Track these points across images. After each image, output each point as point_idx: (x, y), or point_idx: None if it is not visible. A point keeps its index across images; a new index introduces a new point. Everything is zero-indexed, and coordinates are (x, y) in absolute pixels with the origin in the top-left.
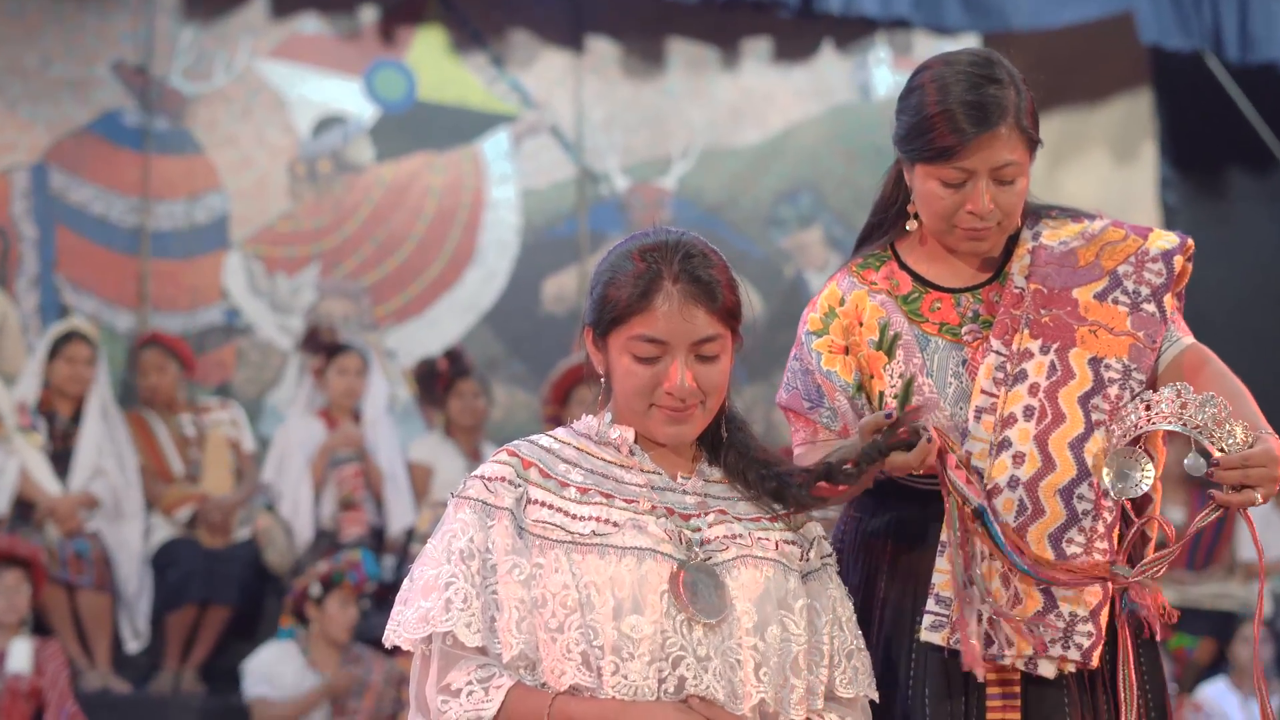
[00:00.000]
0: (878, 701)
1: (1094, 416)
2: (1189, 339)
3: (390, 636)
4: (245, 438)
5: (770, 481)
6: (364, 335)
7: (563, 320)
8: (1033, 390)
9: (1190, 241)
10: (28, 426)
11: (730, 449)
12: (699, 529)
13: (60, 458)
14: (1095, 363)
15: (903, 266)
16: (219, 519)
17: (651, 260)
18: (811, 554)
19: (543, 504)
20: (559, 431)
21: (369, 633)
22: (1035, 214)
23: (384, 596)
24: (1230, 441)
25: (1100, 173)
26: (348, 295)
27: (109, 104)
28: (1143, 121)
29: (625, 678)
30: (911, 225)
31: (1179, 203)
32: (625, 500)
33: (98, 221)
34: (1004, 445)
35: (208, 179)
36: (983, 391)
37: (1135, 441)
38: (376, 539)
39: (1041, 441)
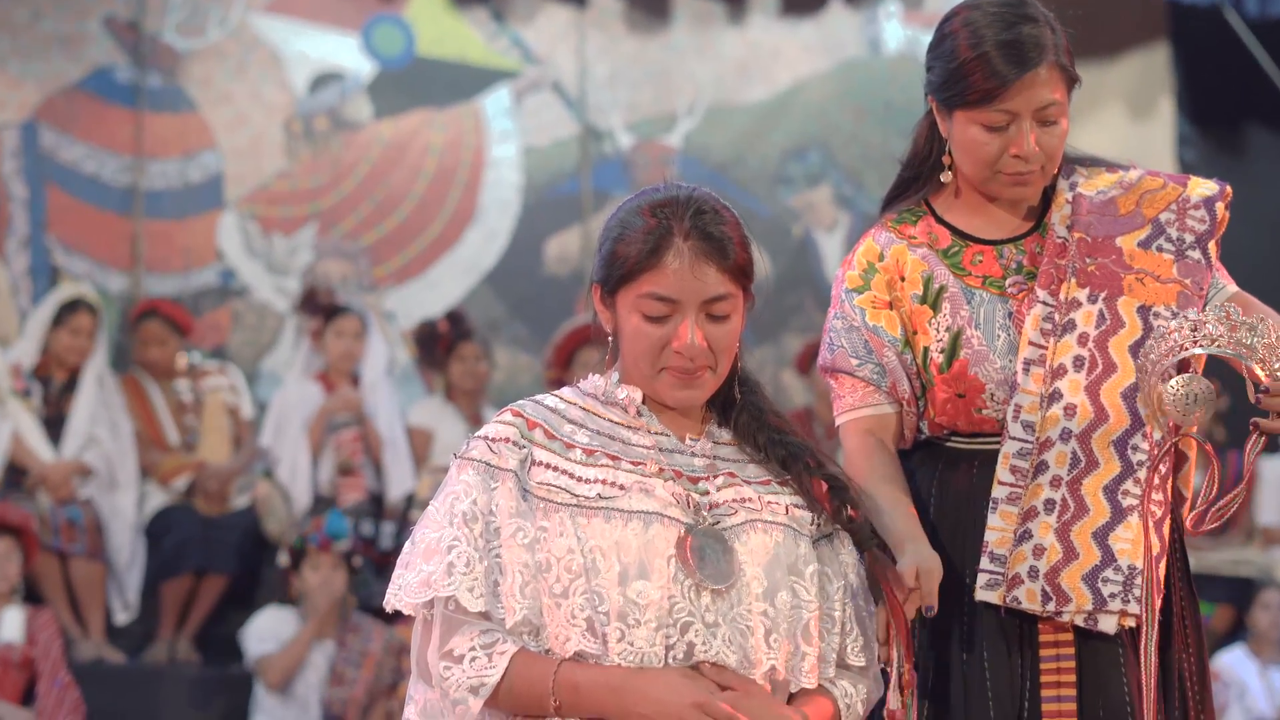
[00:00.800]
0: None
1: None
2: (1234, 286)
3: (391, 601)
4: (244, 404)
5: (780, 449)
6: (362, 297)
7: (566, 281)
8: (1082, 340)
9: (1229, 188)
10: (22, 391)
11: (743, 411)
12: (707, 492)
13: (53, 423)
14: (1144, 310)
15: (940, 221)
16: (216, 487)
17: (662, 216)
18: (822, 519)
19: (548, 465)
20: (565, 391)
21: (368, 601)
22: (1069, 164)
23: (383, 564)
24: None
25: (1116, 130)
26: (346, 256)
27: (100, 60)
28: (1160, 76)
29: (631, 644)
30: (946, 177)
31: (1197, 160)
32: (632, 462)
33: (89, 181)
34: (1055, 397)
35: (202, 137)
36: (1031, 343)
37: (1180, 366)
38: (375, 505)
39: (1093, 392)
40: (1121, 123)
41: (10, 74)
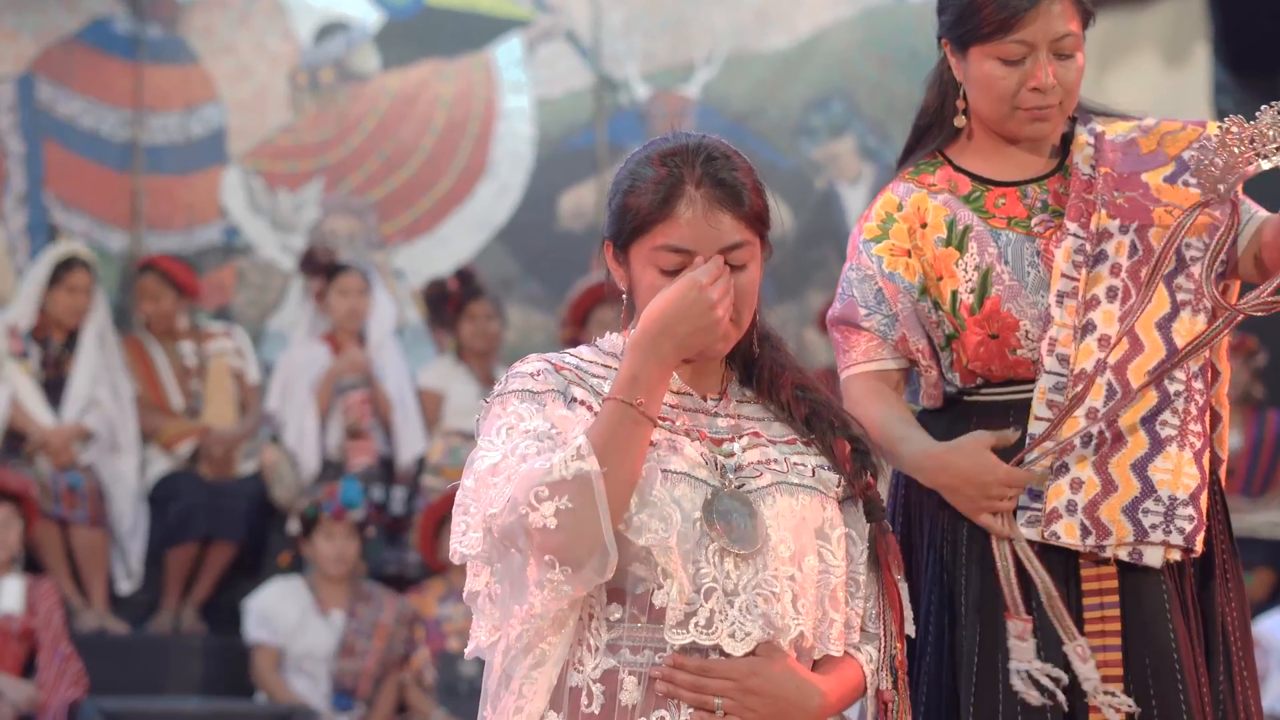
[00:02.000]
0: (913, 636)
1: (1179, 296)
2: (1264, 213)
3: (459, 545)
4: (250, 368)
5: (804, 406)
6: (370, 254)
7: (580, 237)
8: (1114, 270)
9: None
10: (19, 353)
11: (764, 368)
12: (732, 454)
13: (53, 386)
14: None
15: (958, 169)
16: (221, 453)
17: (672, 165)
18: (846, 480)
19: (583, 403)
20: (582, 350)
21: (378, 569)
22: (1085, 113)
23: (393, 530)
24: None
25: (1149, 77)
26: (353, 212)
27: (98, 11)
28: (1195, 21)
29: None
30: (960, 121)
31: (1234, 107)
32: (660, 418)
33: (88, 136)
34: (1088, 328)
35: (204, 90)
36: (1063, 275)
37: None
38: (385, 469)
39: (1128, 322)
40: (1154, 71)
41: (5, 26)
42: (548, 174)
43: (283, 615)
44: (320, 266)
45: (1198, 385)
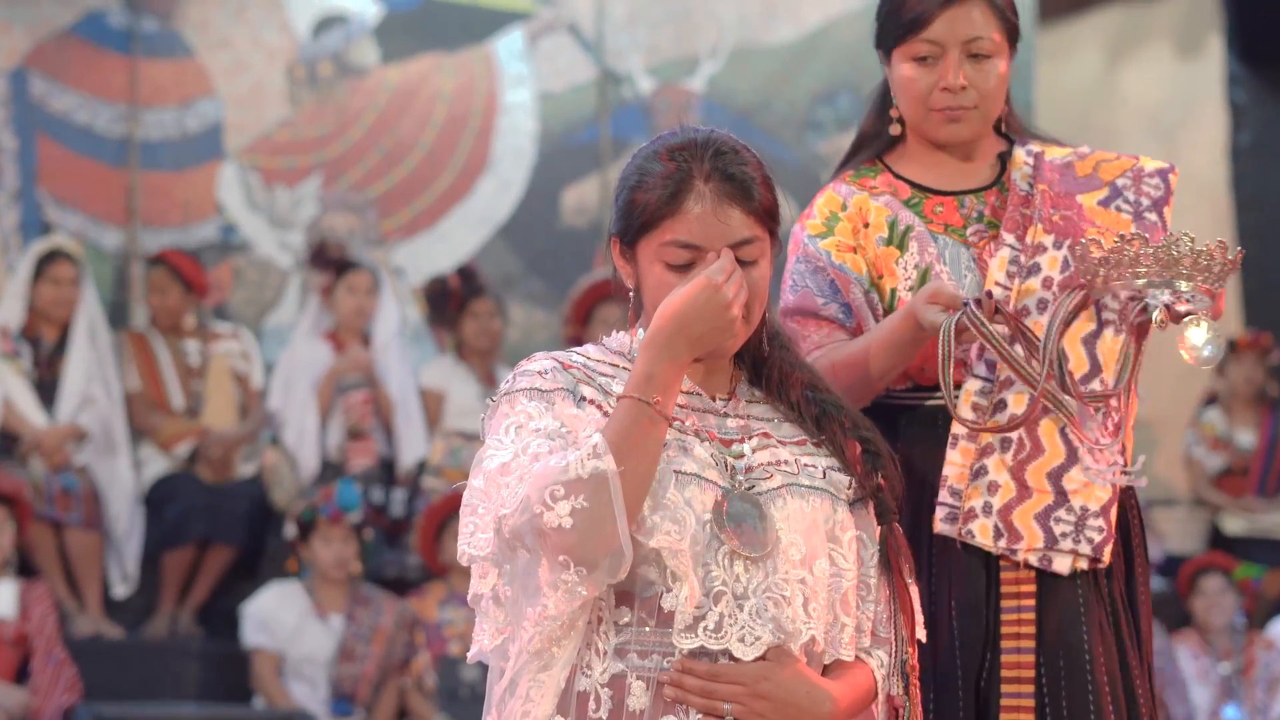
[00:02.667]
0: (924, 641)
1: (1104, 315)
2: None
3: (467, 547)
4: (255, 372)
5: (813, 406)
6: (370, 251)
7: (583, 233)
8: (1046, 283)
9: (1177, 170)
10: (10, 353)
11: (774, 367)
12: (742, 455)
13: (46, 386)
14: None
15: (897, 176)
16: (219, 455)
17: (680, 159)
18: (857, 481)
19: (592, 402)
20: (589, 348)
21: (378, 572)
22: (1027, 136)
23: (393, 533)
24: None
25: (1162, 69)
26: (352, 208)
27: (92, 4)
28: (1208, 12)
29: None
30: (895, 129)
31: (1248, 101)
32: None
33: (82, 131)
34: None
35: (200, 84)
36: (996, 283)
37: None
38: (386, 471)
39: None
40: (1167, 62)
41: None
42: (550, 169)
43: (281, 619)
44: (330, 262)
45: (1114, 403)
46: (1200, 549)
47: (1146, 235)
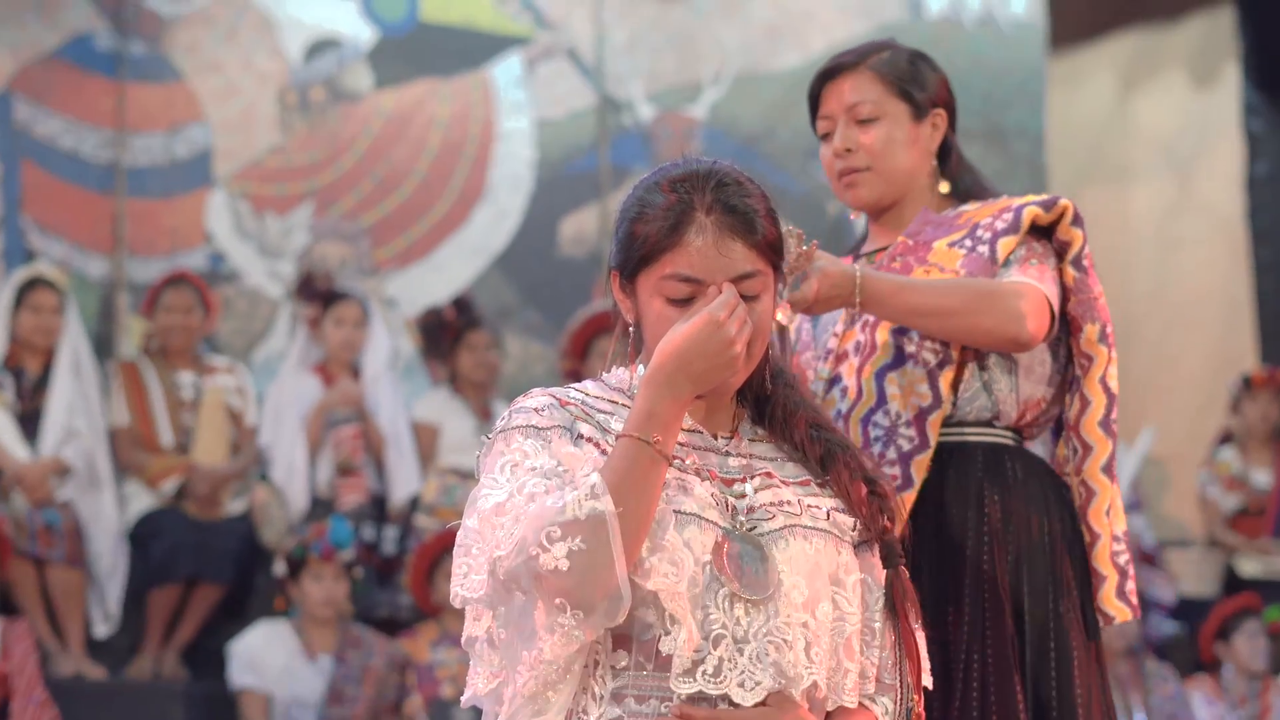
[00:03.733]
0: (931, 688)
1: (906, 349)
2: (1018, 278)
3: (460, 589)
4: (250, 409)
5: (817, 446)
6: (362, 281)
7: (582, 264)
8: (864, 326)
9: (1064, 203)
10: None
11: (777, 405)
12: (744, 495)
13: (29, 419)
14: (920, 279)
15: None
16: (206, 492)
17: (682, 191)
18: (862, 524)
19: (590, 440)
20: (587, 384)
21: (369, 612)
22: (980, 195)
23: (385, 571)
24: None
25: (1177, 98)
26: (344, 237)
27: (79, 26)
28: (1224, 40)
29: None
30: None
31: (1265, 130)
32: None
33: (68, 157)
34: (835, 381)
35: (189, 109)
36: (834, 334)
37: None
38: (378, 507)
39: (859, 373)
40: (1183, 91)
41: None
42: (548, 198)
43: (269, 660)
44: (317, 293)
45: (906, 432)
46: (1215, 591)
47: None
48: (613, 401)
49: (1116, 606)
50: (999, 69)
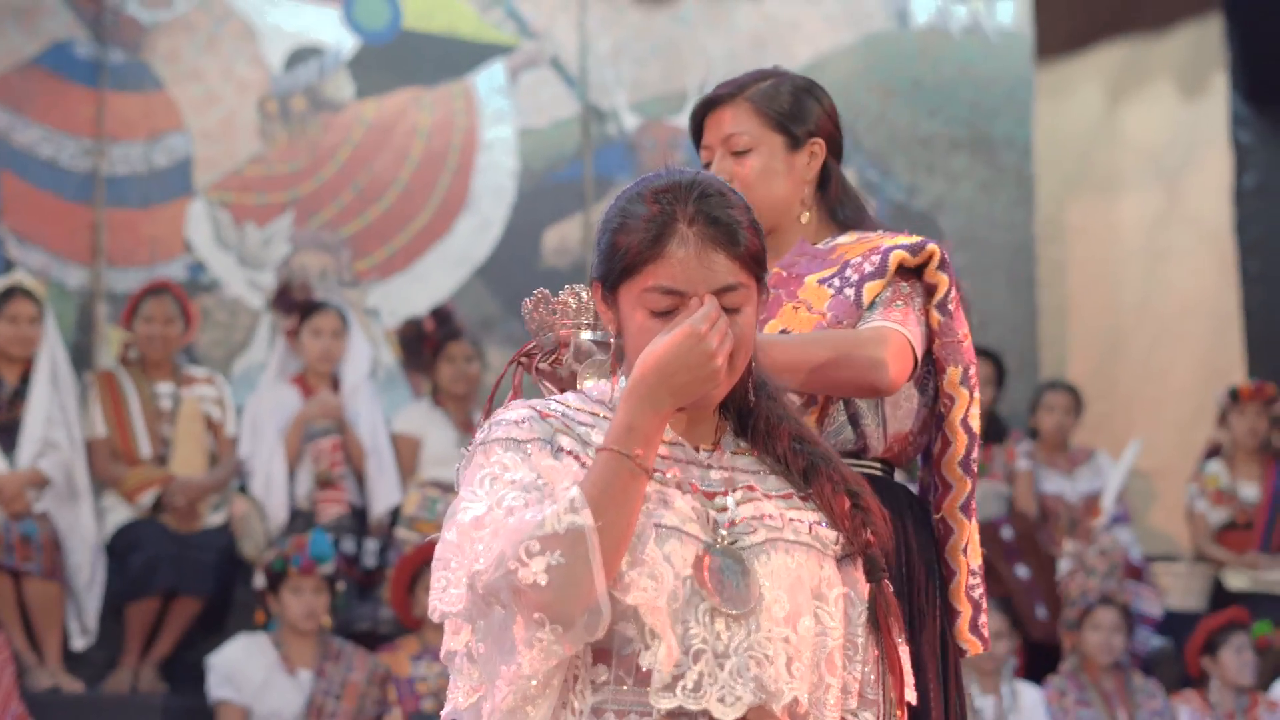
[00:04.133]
0: (915, 704)
1: None
2: (880, 323)
3: (439, 603)
4: (229, 421)
5: (801, 459)
6: (343, 292)
7: (565, 274)
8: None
9: (932, 247)
10: None
11: (760, 417)
12: (725, 508)
13: (6, 429)
14: (782, 334)
15: None
16: (184, 504)
17: (664, 202)
18: (845, 537)
19: (570, 453)
20: (568, 397)
21: (349, 625)
22: (859, 225)
23: (365, 584)
24: None
25: (1165, 108)
26: (325, 248)
27: (58, 34)
28: (1213, 50)
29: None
30: None
31: (1254, 141)
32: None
33: (46, 165)
34: None
35: (169, 118)
36: None
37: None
38: (358, 520)
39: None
40: (1170, 102)
41: None
42: (531, 208)
43: (247, 673)
44: (294, 304)
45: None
46: (1203, 606)
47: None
48: (593, 414)
49: (970, 640)
50: (986, 79)
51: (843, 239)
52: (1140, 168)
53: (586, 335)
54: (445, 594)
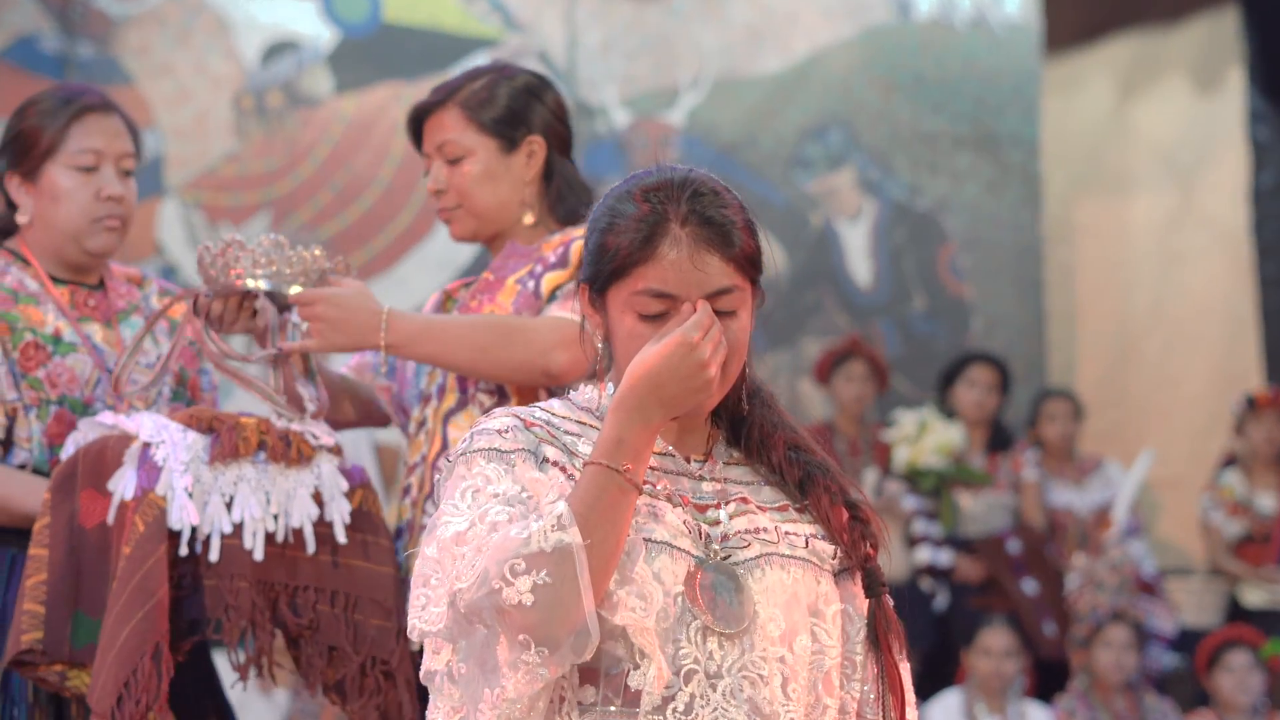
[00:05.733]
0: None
1: (468, 390)
2: (555, 313)
3: (418, 622)
4: None
5: (796, 469)
6: None
7: None
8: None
9: None
10: None
11: (754, 426)
12: (718, 521)
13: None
14: (450, 316)
15: None
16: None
17: (655, 201)
18: (843, 551)
19: (556, 464)
20: (553, 403)
21: None
22: (578, 220)
23: None
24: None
25: (1179, 105)
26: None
27: (23, 27)
28: (1228, 43)
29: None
30: None
31: (1271, 138)
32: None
33: None
34: (421, 425)
35: (139, 114)
36: (427, 375)
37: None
38: None
39: (436, 417)
40: (1185, 97)
41: None
42: None
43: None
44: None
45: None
46: (1217, 622)
47: (242, 240)
48: (580, 422)
49: None
50: (991, 73)
51: (552, 237)
52: (1153, 166)
53: (259, 284)
54: (425, 612)
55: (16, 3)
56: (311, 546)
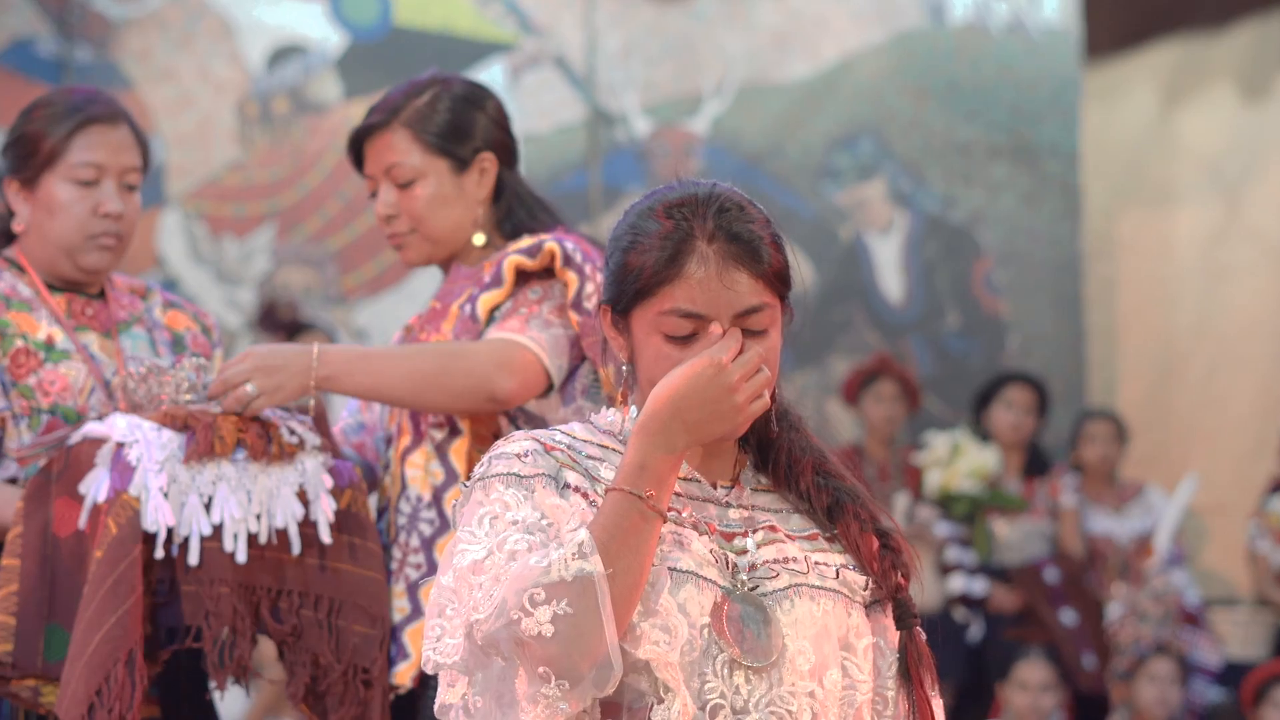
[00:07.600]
0: None
1: (421, 426)
2: (494, 334)
3: (433, 653)
4: None
5: (825, 495)
6: (329, 310)
7: None
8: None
9: (550, 246)
10: None
11: (781, 451)
12: (745, 550)
13: None
14: (389, 347)
15: None
16: None
17: (680, 217)
18: (874, 581)
19: (577, 490)
20: (574, 427)
21: None
22: (530, 233)
23: None
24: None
25: (1225, 113)
26: (309, 262)
27: (20, 30)
28: (1277, 49)
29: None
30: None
31: None
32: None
33: None
34: (386, 467)
35: (140, 121)
36: (391, 415)
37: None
38: None
39: (396, 457)
40: (1231, 105)
41: None
42: None
43: None
44: (280, 324)
45: (427, 515)
46: (1265, 655)
47: (164, 365)
48: (603, 446)
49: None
50: (1029, 80)
51: (495, 255)
52: (1197, 177)
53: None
54: (439, 644)
55: (12, 5)
56: (297, 547)
